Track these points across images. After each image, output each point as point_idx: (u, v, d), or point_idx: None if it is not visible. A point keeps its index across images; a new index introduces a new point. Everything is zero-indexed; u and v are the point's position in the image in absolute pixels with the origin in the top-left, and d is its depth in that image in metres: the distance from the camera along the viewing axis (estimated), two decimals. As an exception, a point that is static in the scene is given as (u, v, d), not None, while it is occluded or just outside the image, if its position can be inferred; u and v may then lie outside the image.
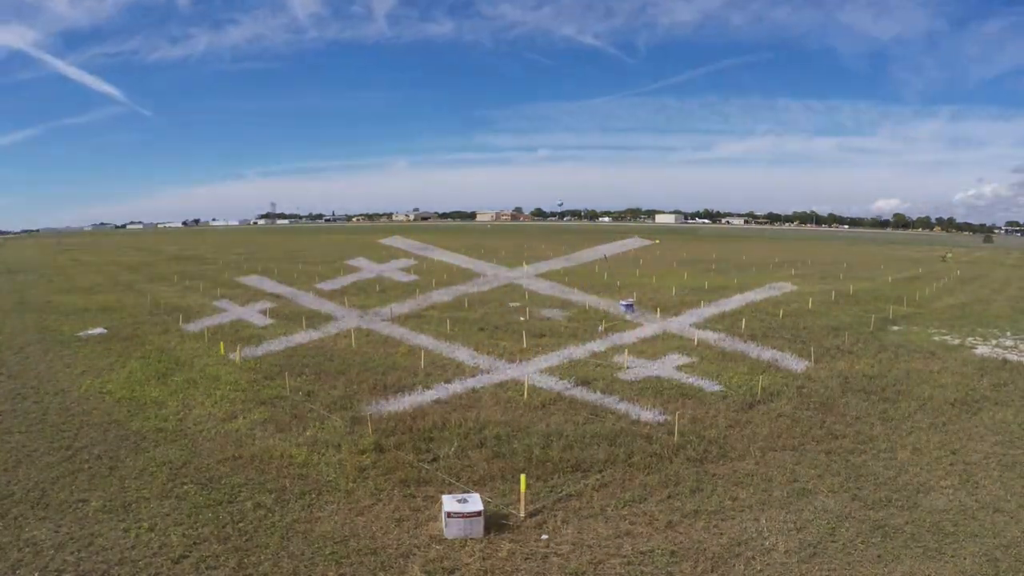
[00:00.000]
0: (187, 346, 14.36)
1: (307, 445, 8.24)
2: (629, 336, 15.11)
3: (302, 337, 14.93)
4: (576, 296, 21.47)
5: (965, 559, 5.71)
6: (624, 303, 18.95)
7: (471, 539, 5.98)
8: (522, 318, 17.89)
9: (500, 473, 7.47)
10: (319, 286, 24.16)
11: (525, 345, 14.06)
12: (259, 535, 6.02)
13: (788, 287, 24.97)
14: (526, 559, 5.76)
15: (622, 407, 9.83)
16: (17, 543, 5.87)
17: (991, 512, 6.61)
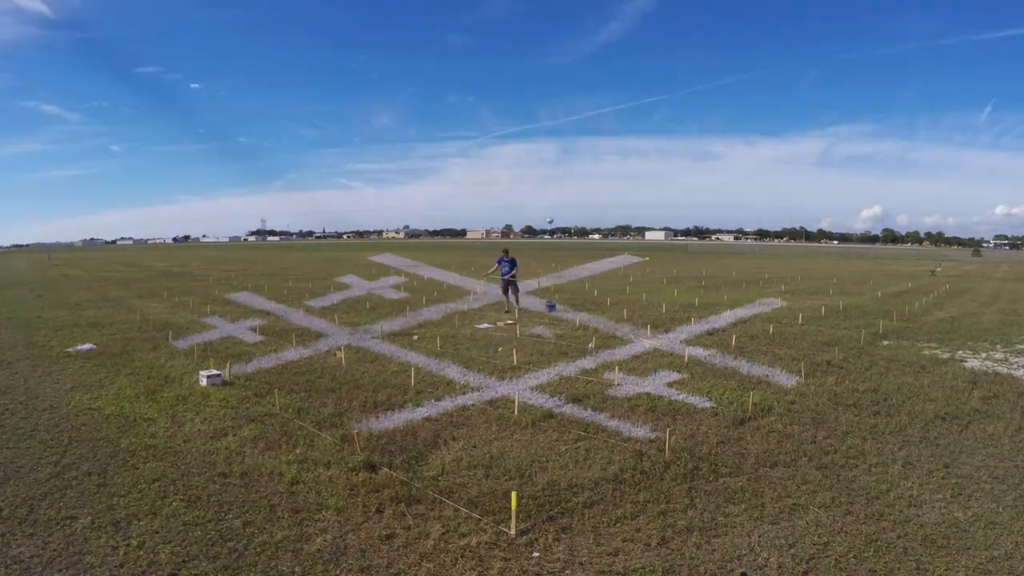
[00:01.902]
0: (177, 363, 14.29)
1: (297, 462, 8.20)
2: (620, 353, 15.15)
3: (292, 354, 14.91)
4: (566, 313, 21.56)
5: (958, 572, 5.72)
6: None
7: (462, 558, 5.95)
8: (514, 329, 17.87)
9: (491, 490, 7.44)
10: (309, 303, 24.26)
11: (515, 362, 14.05)
12: (248, 553, 5.98)
13: (778, 303, 25.21)
14: (518, 576, 5.74)
15: (613, 424, 9.82)
16: (4, 560, 5.81)
17: (983, 525, 6.62)
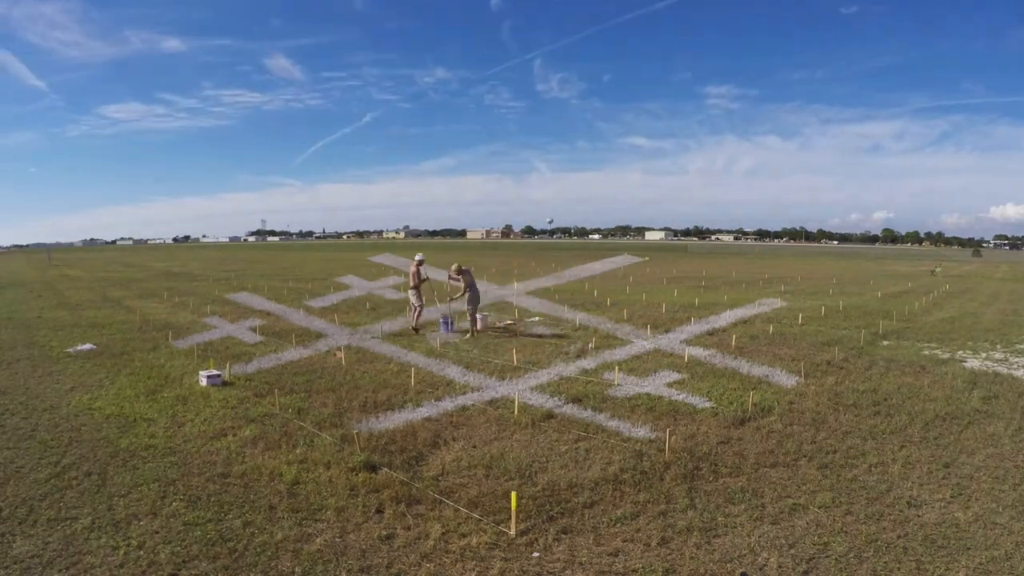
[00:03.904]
0: (177, 363, 14.29)
1: (297, 463, 8.19)
2: (620, 353, 15.16)
3: (292, 354, 14.91)
4: (566, 313, 21.58)
5: (958, 572, 5.72)
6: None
7: (462, 558, 5.95)
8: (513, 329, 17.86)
9: (491, 491, 7.44)
10: (309, 303, 24.31)
11: (515, 362, 14.04)
12: (249, 553, 5.98)
13: (778, 303, 25.26)
14: (518, 576, 5.73)
15: (613, 424, 9.82)
16: (4, 560, 5.81)
17: (983, 525, 6.62)
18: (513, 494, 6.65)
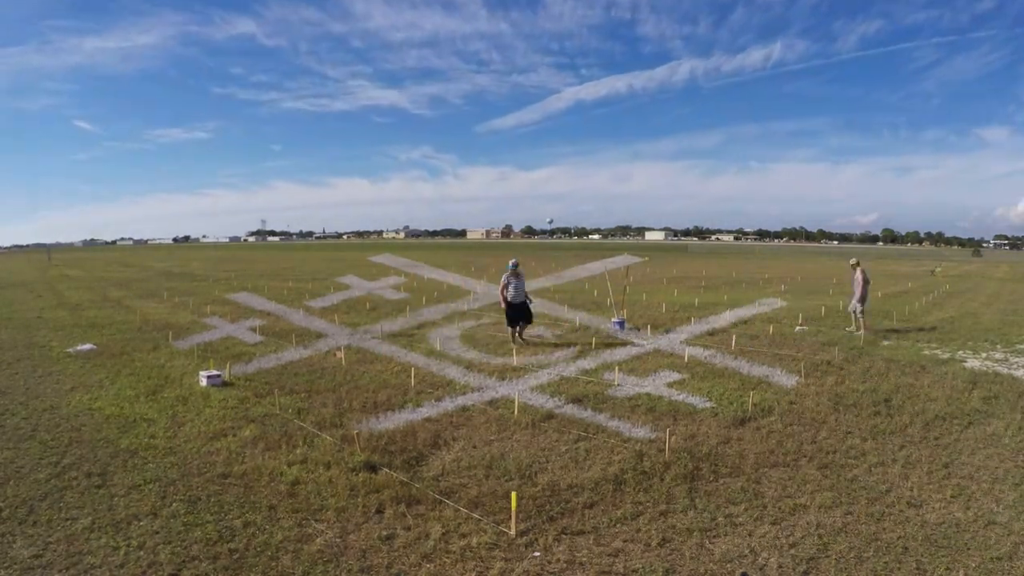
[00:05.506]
0: (177, 363, 14.29)
1: (297, 463, 8.19)
2: (620, 353, 15.15)
3: (292, 355, 14.91)
4: (566, 313, 21.57)
5: (959, 572, 5.71)
6: (615, 321, 18.96)
7: (463, 558, 5.95)
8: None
9: (492, 491, 7.44)
10: (309, 303, 24.29)
11: (516, 363, 14.04)
12: (249, 554, 5.97)
13: (778, 303, 25.25)
14: (519, 577, 5.73)
15: (613, 424, 9.82)
16: (4, 561, 5.81)
17: (983, 525, 6.62)
18: (513, 494, 6.64)
